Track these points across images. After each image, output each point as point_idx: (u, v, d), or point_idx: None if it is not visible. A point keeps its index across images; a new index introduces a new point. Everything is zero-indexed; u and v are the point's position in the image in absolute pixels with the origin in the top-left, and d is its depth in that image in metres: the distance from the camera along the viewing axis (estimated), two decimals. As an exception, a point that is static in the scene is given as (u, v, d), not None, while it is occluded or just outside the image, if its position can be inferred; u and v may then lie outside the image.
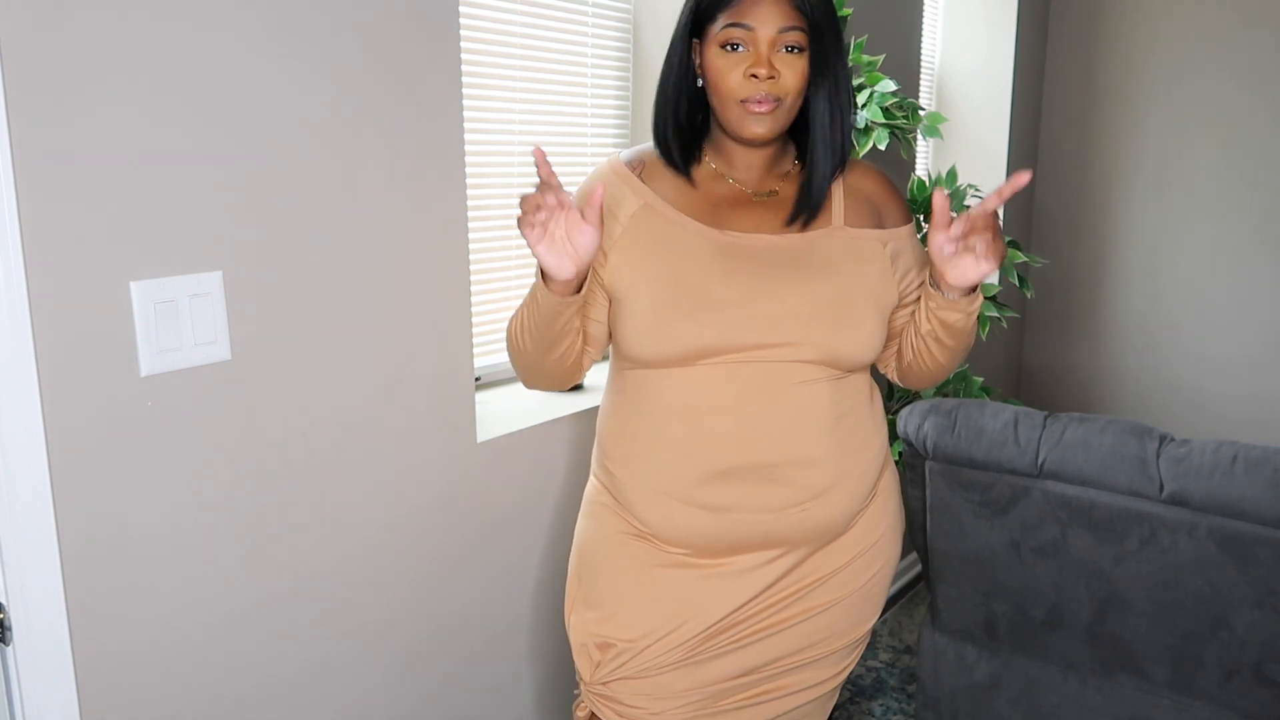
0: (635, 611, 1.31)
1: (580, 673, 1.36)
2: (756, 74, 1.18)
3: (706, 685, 1.32)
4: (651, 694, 1.31)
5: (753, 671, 1.34)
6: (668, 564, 1.31)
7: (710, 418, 1.24)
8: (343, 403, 1.40)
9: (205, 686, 1.29)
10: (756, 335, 1.23)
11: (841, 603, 1.35)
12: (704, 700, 1.33)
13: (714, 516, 1.26)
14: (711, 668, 1.32)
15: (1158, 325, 3.69)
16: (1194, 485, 1.62)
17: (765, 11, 1.18)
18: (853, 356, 1.26)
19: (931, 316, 1.28)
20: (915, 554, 3.16)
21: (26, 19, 1.02)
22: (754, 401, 1.24)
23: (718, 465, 1.25)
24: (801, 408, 1.25)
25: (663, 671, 1.31)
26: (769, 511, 1.26)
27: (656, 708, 1.31)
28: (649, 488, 1.29)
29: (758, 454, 1.24)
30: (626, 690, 1.32)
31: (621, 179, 1.29)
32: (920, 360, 1.35)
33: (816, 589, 1.33)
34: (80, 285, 1.11)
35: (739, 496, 1.25)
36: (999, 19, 3.39)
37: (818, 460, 1.26)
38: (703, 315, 1.22)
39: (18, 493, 1.07)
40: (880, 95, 2.12)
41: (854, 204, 1.32)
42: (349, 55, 1.34)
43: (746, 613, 1.31)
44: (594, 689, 1.35)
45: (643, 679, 1.31)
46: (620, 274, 1.26)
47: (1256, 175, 3.41)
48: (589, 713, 1.38)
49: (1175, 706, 1.73)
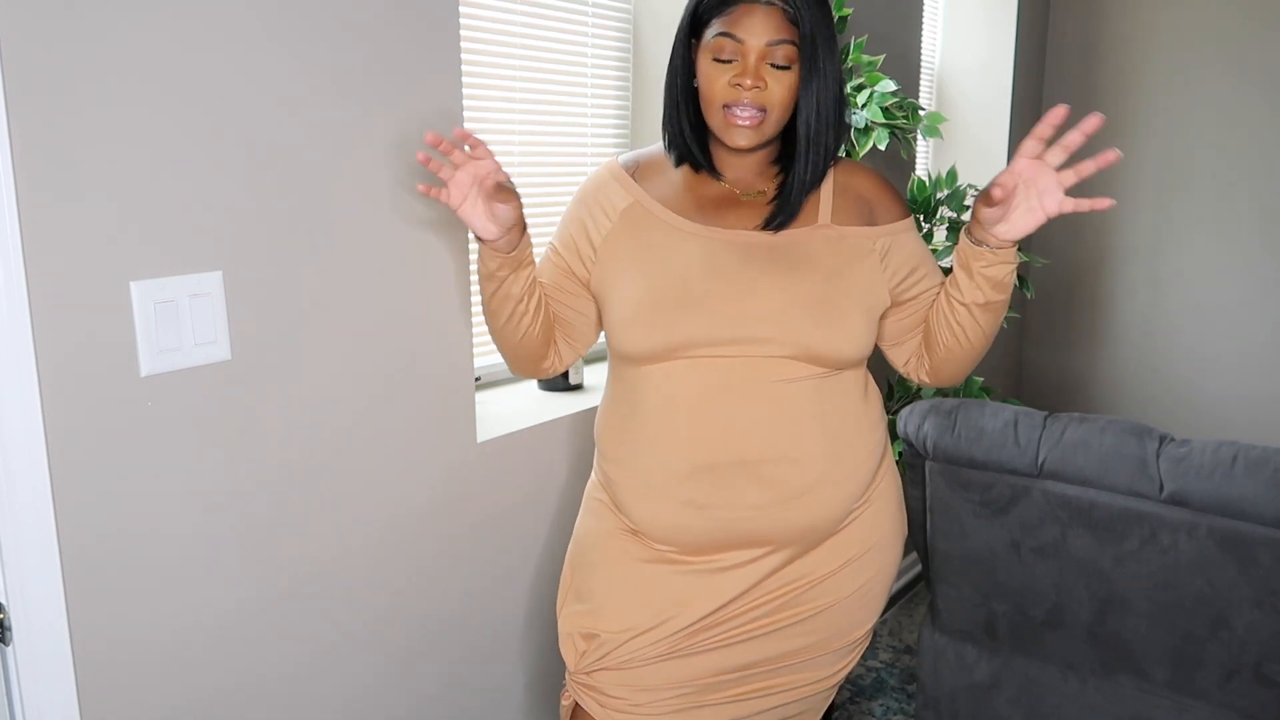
0: (620, 605, 1.32)
1: (566, 662, 1.38)
2: (741, 84, 1.19)
3: (690, 680, 1.33)
4: (633, 685, 1.33)
5: (740, 670, 1.35)
6: (654, 559, 1.32)
7: (691, 414, 1.26)
8: (342, 403, 1.40)
9: (205, 686, 1.29)
10: (735, 331, 1.23)
11: (835, 607, 1.35)
12: (687, 694, 1.34)
13: (697, 513, 1.27)
14: (696, 663, 1.33)
15: (1158, 325, 3.69)
16: (1194, 485, 1.62)
17: (757, 24, 1.18)
18: (834, 354, 1.26)
19: (979, 280, 1.25)
20: (915, 554, 3.16)
21: (27, 18, 1.02)
22: (734, 398, 1.25)
23: (699, 461, 1.26)
24: (783, 404, 1.25)
25: (645, 664, 1.32)
26: (752, 508, 1.27)
27: (638, 699, 1.32)
28: (636, 483, 1.31)
29: (739, 450, 1.25)
30: (609, 681, 1.33)
31: (615, 178, 1.33)
32: (960, 341, 1.32)
33: (809, 591, 1.34)
34: (80, 285, 1.11)
35: (721, 493, 1.26)
36: (999, 19, 3.39)
37: (800, 458, 1.26)
38: (682, 310, 1.24)
39: (18, 493, 1.07)
40: (880, 95, 2.12)
41: (843, 202, 1.32)
42: (349, 55, 1.34)
43: (732, 611, 1.32)
44: (578, 678, 1.37)
45: (625, 670, 1.32)
46: (607, 269, 1.30)
47: (1257, 175, 3.41)
48: (573, 702, 1.39)
49: (1175, 706, 1.73)
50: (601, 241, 1.30)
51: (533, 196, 1.93)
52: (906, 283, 1.35)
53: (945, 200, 2.41)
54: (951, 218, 2.42)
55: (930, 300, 1.37)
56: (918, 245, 1.37)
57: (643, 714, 1.33)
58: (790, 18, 1.18)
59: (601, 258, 1.30)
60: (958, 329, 1.31)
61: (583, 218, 1.33)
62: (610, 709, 1.34)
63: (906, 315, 1.38)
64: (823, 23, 1.20)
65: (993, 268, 1.24)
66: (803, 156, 1.25)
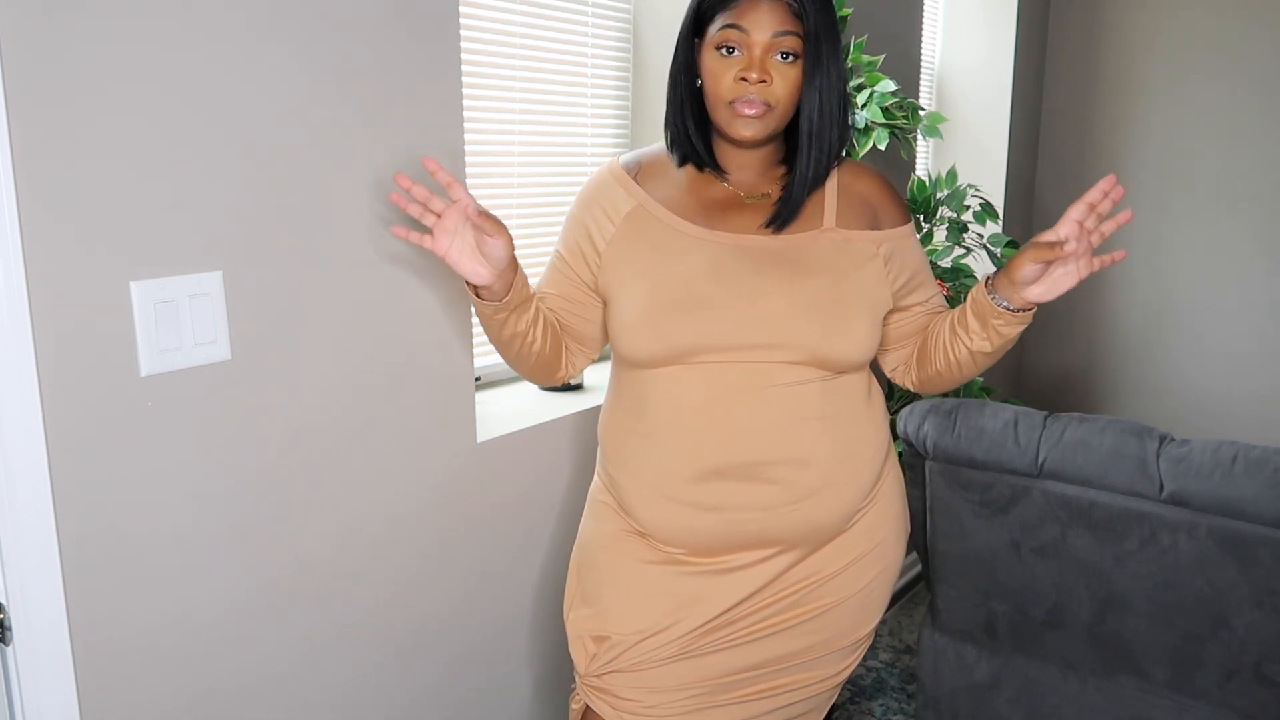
0: (630, 607, 1.32)
1: (576, 665, 1.38)
2: (747, 77, 1.19)
3: (702, 681, 1.33)
4: (646, 687, 1.32)
5: (750, 669, 1.35)
6: (662, 561, 1.32)
7: (698, 417, 1.26)
8: (342, 402, 1.40)
9: (205, 685, 1.29)
10: (741, 335, 1.23)
11: (841, 605, 1.35)
12: (699, 695, 1.33)
13: (706, 515, 1.27)
14: (707, 663, 1.32)
15: (1158, 325, 3.69)
16: (1194, 485, 1.62)
17: (762, 15, 1.18)
18: (840, 358, 1.26)
19: (991, 333, 1.28)
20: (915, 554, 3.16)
21: (27, 20, 1.02)
22: (741, 402, 1.25)
23: (707, 464, 1.26)
24: (789, 408, 1.25)
25: (657, 666, 1.31)
26: (760, 510, 1.27)
27: (650, 700, 1.32)
28: (643, 487, 1.30)
29: (746, 453, 1.25)
30: (621, 683, 1.33)
31: (618, 181, 1.32)
32: (954, 371, 1.35)
33: (815, 590, 1.34)
34: (80, 285, 1.11)
35: (729, 495, 1.26)
36: (999, 19, 3.39)
37: (808, 460, 1.27)
38: (688, 315, 1.24)
39: (18, 493, 1.07)
40: (880, 95, 2.12)
41: (848, 205, 1.32)
42: (349, 56, 1.34)
43: (743, 610, 1.31)
44: (589, 681, 1.36)
45: (637, 672, 1.32)
46: (612, 274, 1.29)
47: (1257, 174, 3.41)
48: (583, 705, 1.39)
49: (1175, 706, 1.73)
50: (605, 246, 1.30)
51: (532, 197, 1.93)
52: (902, 291, 1.35)
53: (945, 200, 2.42)
54: (951, 218, 2.42)
55: (920, 316, 1.39)
56: (917, 253, 1.37)
57: (656, 715, 1.32)
58: (795, 12, 1.19)
59: (606, 262, 1.30)
60: (954, 362, 1.34)
61: (586, 222, 1.33)
62: (623, 711, 1.33)
63: (894, 324, 1.39)
64: (827, 19, 1.20)
65: (1010, 326, 1.26)
66: (805, 153, 1.25)
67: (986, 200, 2.43)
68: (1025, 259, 1.20)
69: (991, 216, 2.39)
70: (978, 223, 2.42)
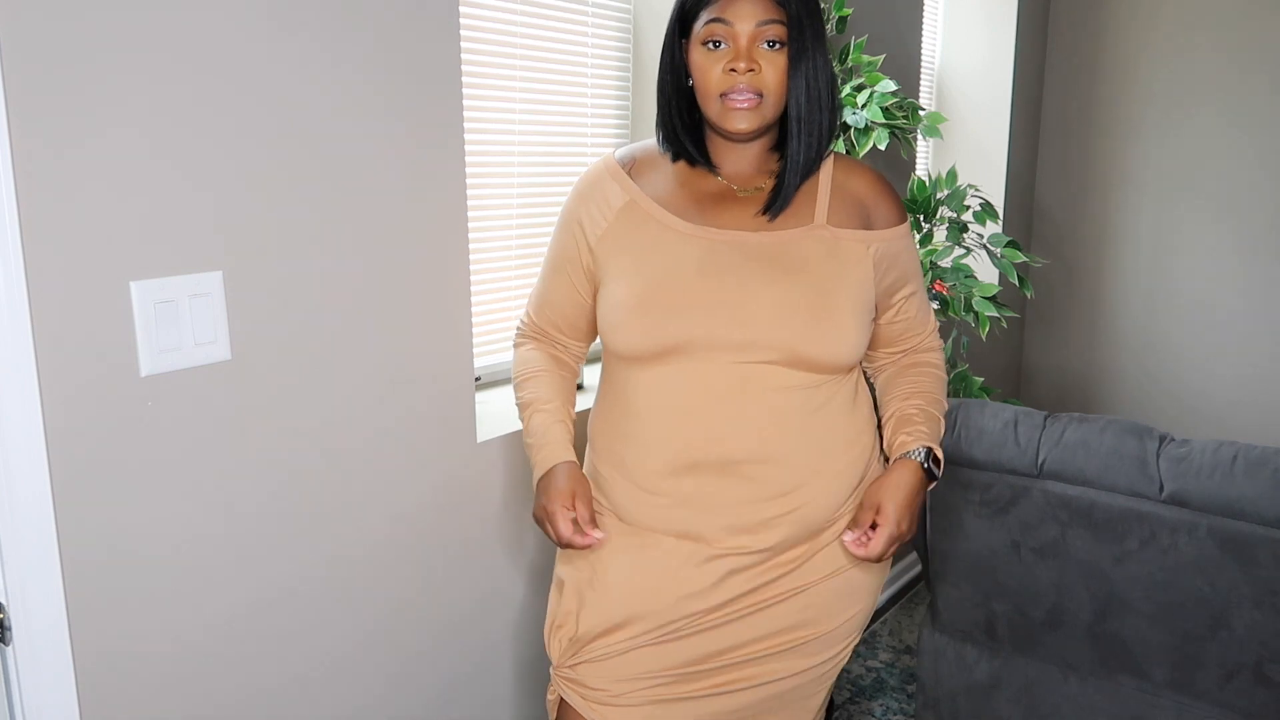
0: (601, 597, 1.33)
1: (549, 656, 1.39)
2: (736, 68, 1.21)
3: (670, 669, 1.33)
4: (614, 675, 1.33)
5: (720, 655, 1.34)
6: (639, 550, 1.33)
7: (678, 414, 1.27)
8: (342, 403, 1.40)
9: (205, 686, 1.29)
10: (725, 333, 1.24)
11: (814, 588, 1.34)
12: (668, 683, 1.33)
13: (679, 509, 1.28)
14: (675, 649, 1.32)
15: (1158, 325, 3.69)
16: (1194, 485, 1.62)
17: (745, 7, 1.21)
18: (823, 358, 1.26)
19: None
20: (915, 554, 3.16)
21: (27, 18, 1.02)
22: (721, 399, 1.25)
23: (683, 460, 1.27)
24: (770, 407, 1.26)
25: (624, 654, 1.32)
26: (735, 505, 1.28)
27: (618, 689, 1.33)
28: (621, 478, 1.33)
29: (723, 451, 1.26)
30: (590, 673, 1.34)
31: (612, 176, 1.34)
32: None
33: (788, 576, 1.33)
34: (80, 285, 1.11)
35: (703, 490, 1.27)
36: (999, 19, 3.39)
37: (784, 459, 1.27)
38: (672, 311, 1.25)
39: (18, 493, 1.07)
40: (880, 95, 2.12)
41: (840, 203, 1.32)
42: (349, 55, 1.34)
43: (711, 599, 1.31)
44: (561, 672, 1.37)
45: (605, 662, 1.33)
46: (602, 268, 1.31)
47: (1257, 174, 3.41)
48: (558, 696, 1.39)
49: (1175, 706, 1.73)
50: (597, 240, 1.32)
51: (532, 196, 1.93)
52: (888, 292, 1.35)
53: (945, 200, 2.41)
54: (951, 218, 2.42)
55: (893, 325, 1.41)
56: (909, 257, 1.37)
57: (623, 704, 1.33)
58: (777, 0, 1.21)
59: (598, 257, 1.32)
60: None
61: (580, 216, 1.34)
62: (592, 701, 1.34)
63: (891, 327, 1.40)
64: (809, 4, 1.23)
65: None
66: (796, 138, 1.26)
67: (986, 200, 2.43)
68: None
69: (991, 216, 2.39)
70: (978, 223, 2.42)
